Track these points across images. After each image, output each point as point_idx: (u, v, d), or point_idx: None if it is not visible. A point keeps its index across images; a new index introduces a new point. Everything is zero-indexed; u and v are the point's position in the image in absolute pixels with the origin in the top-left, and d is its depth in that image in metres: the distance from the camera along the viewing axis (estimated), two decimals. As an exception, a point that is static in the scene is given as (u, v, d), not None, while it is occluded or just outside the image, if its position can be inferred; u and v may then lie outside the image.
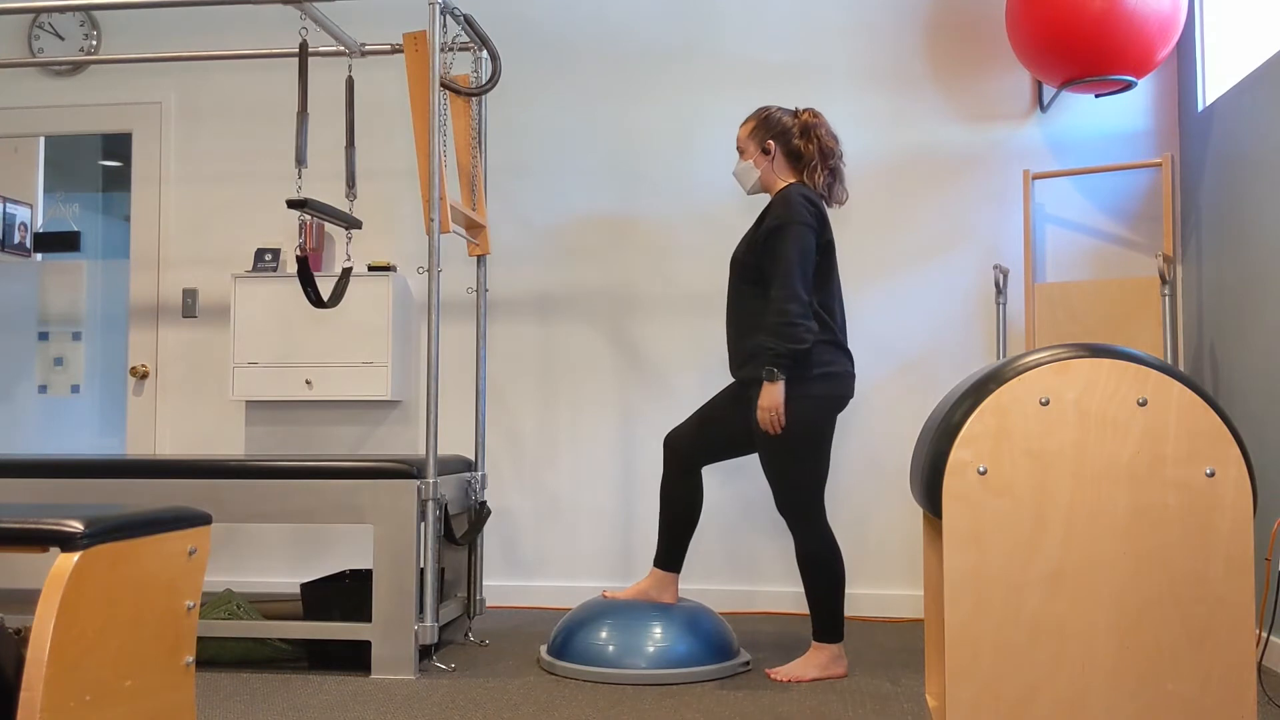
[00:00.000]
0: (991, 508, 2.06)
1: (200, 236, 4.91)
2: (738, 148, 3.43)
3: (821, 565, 3.27)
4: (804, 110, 3.40)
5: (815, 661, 3.30)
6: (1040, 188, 4.39)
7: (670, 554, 3.45)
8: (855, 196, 4.49)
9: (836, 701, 3.02)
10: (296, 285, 4.45)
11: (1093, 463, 2.04)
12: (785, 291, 3.16)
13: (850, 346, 4.44)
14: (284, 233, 4.84)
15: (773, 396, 3.17)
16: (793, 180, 3.37)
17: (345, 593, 3.48)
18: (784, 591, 4.42)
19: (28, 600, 3.74)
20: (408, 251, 4.76)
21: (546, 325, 4.64)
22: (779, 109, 3.40)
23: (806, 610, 4.40)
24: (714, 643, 3.33)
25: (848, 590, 4.39)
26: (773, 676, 3.29)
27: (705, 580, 4.49)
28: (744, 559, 4.48)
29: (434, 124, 3.49)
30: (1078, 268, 4.35)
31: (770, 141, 3.36)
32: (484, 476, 4.00)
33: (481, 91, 3.81)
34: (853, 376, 3.32)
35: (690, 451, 3.43)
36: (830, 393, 3.24)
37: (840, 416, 4.44)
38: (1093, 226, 4.35)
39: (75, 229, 5.42)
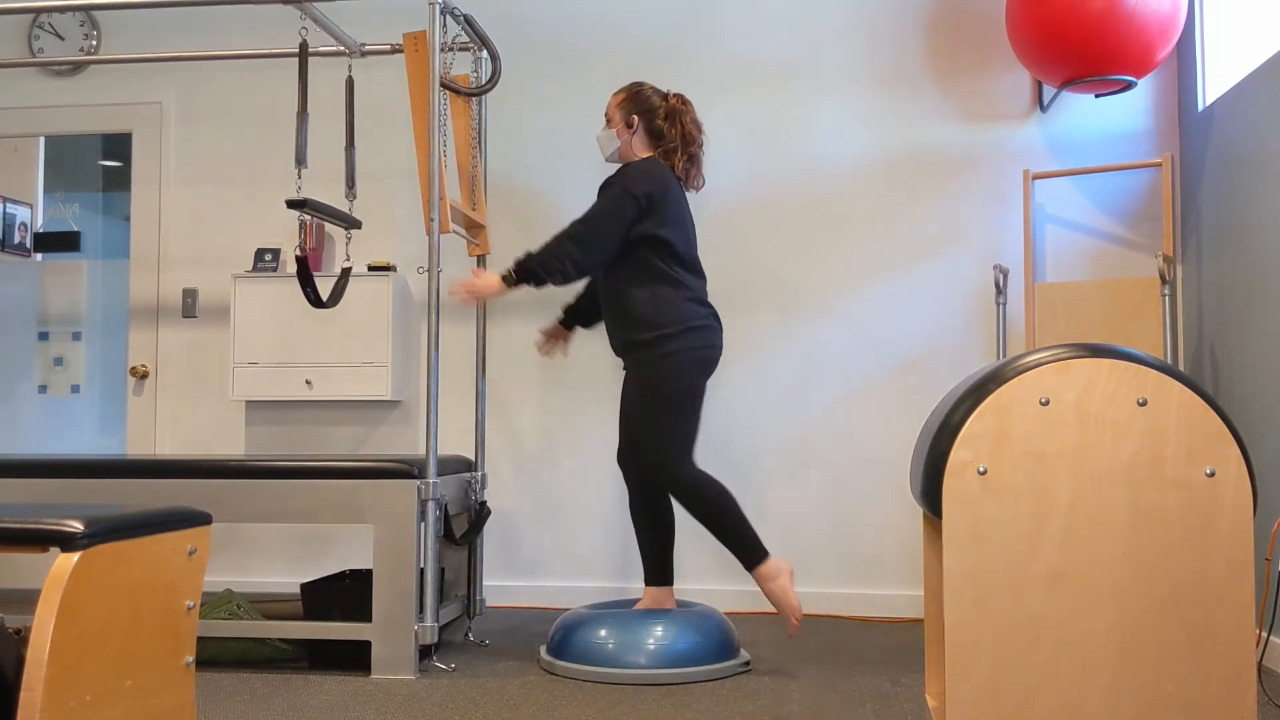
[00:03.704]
0: (991, 508, 2.06)
1: (200, 236, 4.91)
2: (605, 115, 3.57)
3: (710, 502, 3.30)
4: (673, 95, 3.55)
5: (769, 589, 3.32)
6: (1040, 188, 4.39)
7: (658, 569, 3.49)
8: (856, 196, 4.49)
9: (836, 701, 3.02)
10: (296, 285, 4.45)
11: (1093, 463, 2.04)
12: (582, 228, 3.29)
13: (850, 346, 4.45)
14: (284, 233, 4.84)
15: (489, 284, 3.33)
16: (648, 155, 3.49)
17: (345, 593, 3.48)
18: (784, 591, 4.42)
19: (28, 600, 3.74)
20: (408, 251, 4.76)
21: (546, 325, 4.63)
22: (651, 88, 3.55)
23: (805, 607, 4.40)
24: (714, 642, 3.33)
25: (849, 589, 4.39)
26: (793, 634, 3.32)
27: (705, 580, 4.49)
28: (744, 559, 4.48)
29: (434, 124, 3.49)
30: (1078, 268, 4.35)
31: (635, 117, 3.50)
32: (484, 476, 4.00)
33: (481, 91, 3.81)
34: (716, 330, 3.40)
35: (635, 461, 3.49)
36: (697, 344, 3.32)
37: (841, 416, 4.44)
38: (1093, 226, 4.35)
39: (75, 229, 5.42)
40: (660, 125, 3.50)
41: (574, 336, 3.77)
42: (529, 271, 3.28)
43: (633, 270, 3.38)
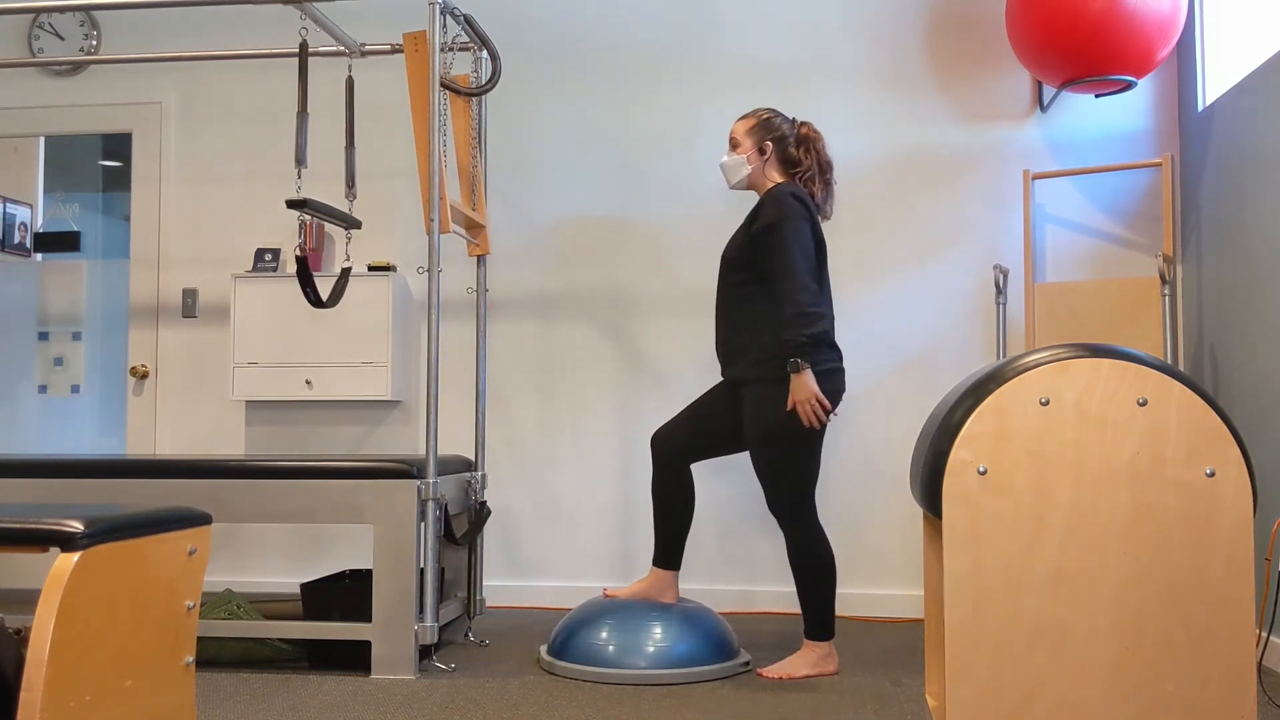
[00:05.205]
0: (991, 508, 2.06)
1: (200, 236, 4.91)
2: (732, 140, 3.44)
3: (813, 563, 3.28)
4: (802, 123, 3.46)
5: (807, 659, 3.31)
6: (1040, 188, 4.39)
7: (667, 552, 3.46)
8: (856, 196, 4.49)
9: (836, 701, 3.02)
10: (296, 285, 4.45)
11: (1093, 463, 2.04)
12: (793, 283, 3.18)
13: (851, 346, 4.45)
14: (284, 233, 4.84)
15: (805, 386, 3.17)
16: (782, 181, 3.40)
17: (345, 593, 3.48)
18: (783, 591, 4.42)
19: (28, 600, 3.74)
20: (408, 251, 4.76)
21: (546, 325, 4.64)
22: (779, 115, 3.45)
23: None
24: (714, 642, 3.33)
25: (849, 589, 4.39)
26: (764, 675, 3.29)
27: (705, 580, 4.49)
28: (743, 559, 4.48)
29: (434, 124, 3.49)
30: (1078, 268, 4.35)
31: (769, 143, 3.39)
32: (484, 476, 4.00)
33: (481, 91, 3.81)
34: (844, 372, 3.34)
35: (678, 449, 3.44)
36: (824, 390, 3.25)
37: (841, 415, 4.44)
38: (1093, 226, 4.35)
39: (75, 229, 5.42)
40: (794, 152, 3.40)
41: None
42: (799, 346, 3.15)
43: (765, 301, 3.28)
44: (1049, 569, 2.04)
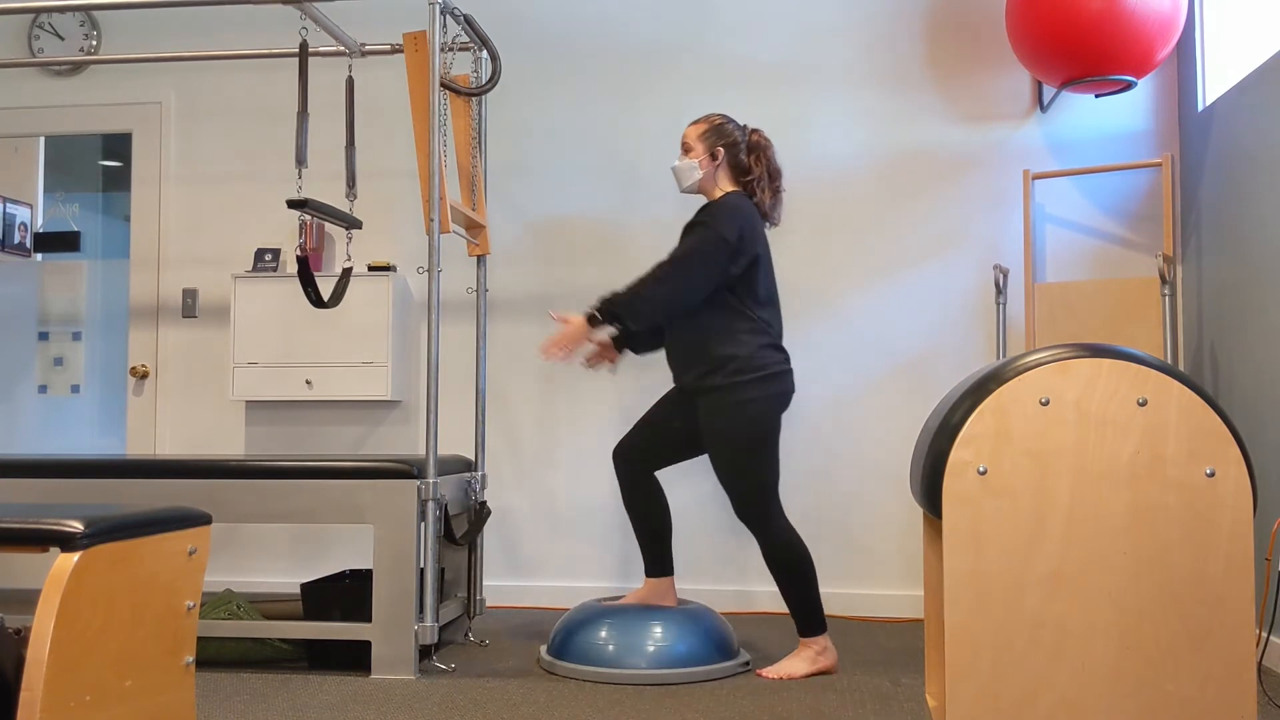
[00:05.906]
0: (991, 508, 2.06)
1: (200, 236, 4.91)
2: (684, 144, 3.44)
3: (790, 562, 3.28)
4: (753, 130, 3.46)
5: (804, 656, 3.32)
6: (1040, 188, 4.39)
7: (656, 560, 3.47)
8: (856, 196, 4.50)
9: (836, 701, 3.02)
10: (296, 285, 4.45)
11: (1093, 463, 2.04)
12: (671, 270, 3.20)
13: (850, 346, 4.45)
14: (284, 233, 4.84)
15: (576, 330, 3.22)
16: (731, 190, 3.40)
17: (345, 593, 3.48)
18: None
19: (28, 600, 3.74)
20: (408, 251, 4.76)
21: (546, 325, 4.64)
22: (732, 121, 3.45)
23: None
24: (714, 643, 3.33)
25: (848, 589, 4.39)
26: (764, 675, 3.29)
27: (703, 581, 4.49)
28: (740, 559, 4.48)
29: (434, 124, 3.49)
30: (1078, 268, 4.35)
31: (720, 149, 3.39)
32: (484, 476, 4.00)
33: (481, 91, 3.81)
34: (792, 373, 3.36)
35: (640, 460, 3.45)
36: (774, 392, 3.27)
37: (840, 416, 4.44)
38: (1093, 226, 4.35)
39: (75, 229, 5.42)
40: (745, 159, 3.40)
41: (623, 358, 3.60)
42: (613, 314, 3.18)
43: (712, 310, 3.29)
44: (1049, 569, 2.04)
